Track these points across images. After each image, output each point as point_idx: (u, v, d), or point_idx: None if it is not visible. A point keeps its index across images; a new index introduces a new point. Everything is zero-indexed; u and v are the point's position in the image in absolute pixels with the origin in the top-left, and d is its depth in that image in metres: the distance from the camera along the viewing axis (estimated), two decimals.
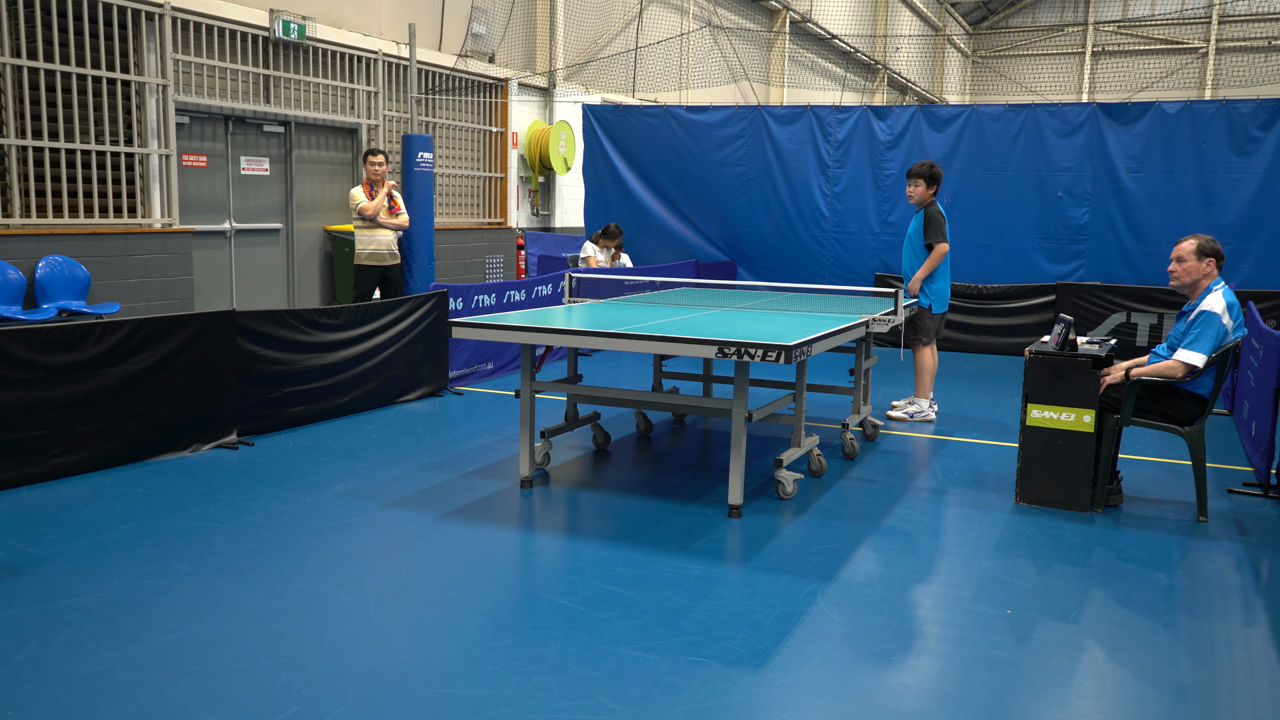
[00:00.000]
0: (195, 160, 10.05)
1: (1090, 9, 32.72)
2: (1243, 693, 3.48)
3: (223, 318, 6.35)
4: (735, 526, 5.07)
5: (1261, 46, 29.81)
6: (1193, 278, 5.34)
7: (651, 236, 12.40)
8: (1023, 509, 5.45)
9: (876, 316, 6.27)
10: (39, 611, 3.87)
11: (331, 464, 6.05)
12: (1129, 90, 30.16)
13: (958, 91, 33.72)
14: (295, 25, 10.53)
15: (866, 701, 3.35)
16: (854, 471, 6.18)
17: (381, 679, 3.41)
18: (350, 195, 9.53)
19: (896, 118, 11.39)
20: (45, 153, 8.59)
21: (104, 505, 5.17)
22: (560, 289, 9.73)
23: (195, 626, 3.77)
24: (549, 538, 4.89)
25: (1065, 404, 5.35)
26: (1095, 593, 4.32)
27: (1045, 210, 10.89)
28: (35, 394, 5.47)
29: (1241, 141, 10.15)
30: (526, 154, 15.01)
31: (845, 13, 24.80)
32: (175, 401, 6.11)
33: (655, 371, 7.39)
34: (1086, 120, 10.64)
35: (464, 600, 4.11)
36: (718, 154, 11.99)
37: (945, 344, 11.16)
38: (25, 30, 8.33)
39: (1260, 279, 10.17)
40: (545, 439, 5.98)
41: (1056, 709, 3.34)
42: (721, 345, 4.86)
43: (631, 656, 3.60)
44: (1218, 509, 5.53)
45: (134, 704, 3.20)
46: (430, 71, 12.94)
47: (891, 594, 4.25)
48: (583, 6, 15.98)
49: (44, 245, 8.44)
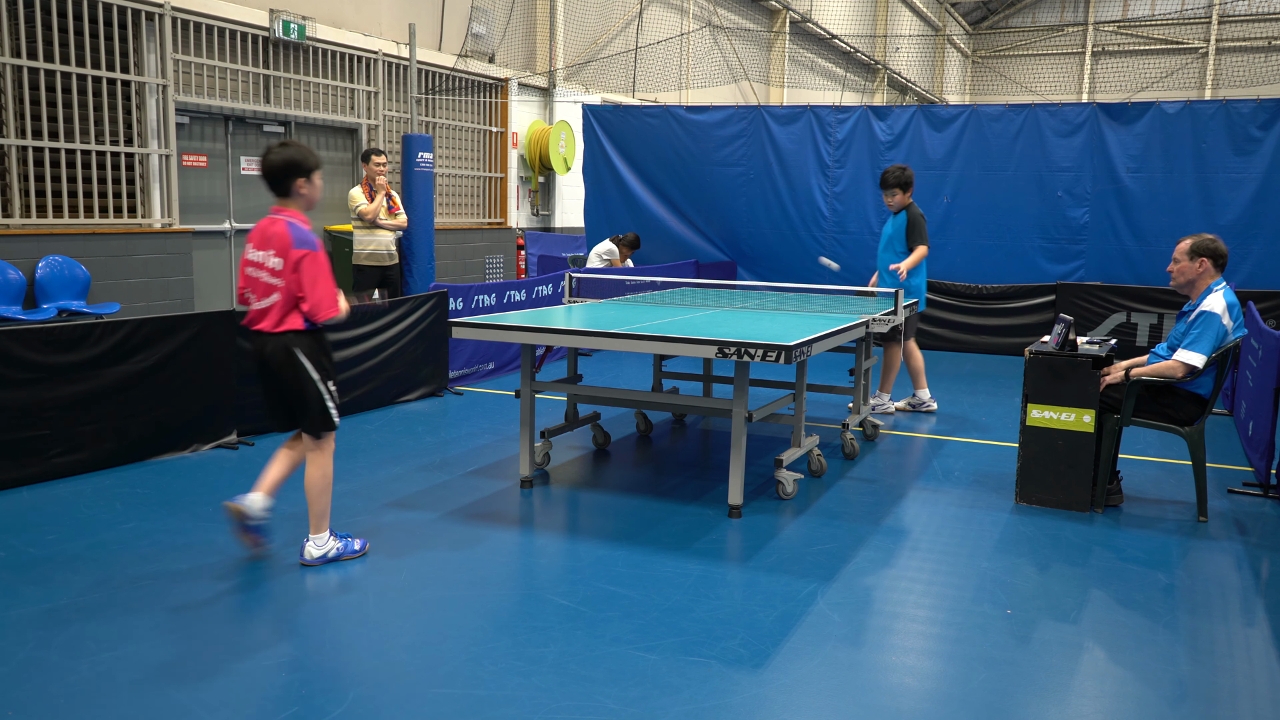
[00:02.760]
0: (195, 160, 10.05)
1: (1090, 9, 32.72)
2: (1243, 693, 3.48)
3: (223, 318, 6.35)
4: (735, 526, 5.07)
5: (1261, 46, 29.81)
6: (1187, 278, 5.34)
7: (651, 236, 12.40)
8: (1023, 509, 5.45)
9: (876, 316, 6.27)
10: (39, 611, 3.87)
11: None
12: (1129, 90, 30.16)
13: (958, 91, 33.72)
14: (295, 25, 10.53)
15: (866, 702, 3.35)
16: (854, 471, 6.18)
17: (381, 679, 3.41)
18: (349, 196, 9.52)
19: (896, 118, 11.39)
20: (45, 153, 8.59)
21: (104, 505, 5.17)
22: (560, 289, 9.73)
23: (195, 626, 3.77)
24: (549, 538, 4.89)
25: (1065, 404, 5.35)
26: (1095, 593, 4.32)
27: (1045, 210, 10.90)
28: (35, 394, 5.47)
29: (1241, 141, 10.15)
30: (526, 154, 15.01)
31: (845, 13, 24.81)
32: (175, 401, 6.11)
33: (655, 371, 7.39)
34: (1086, 120, 10.64)
35: (464, 600, 4.11)
36: (718, 154, 11.99)
37: (945, 344, 11.17)
38: (25, 30, 8.33)
39: (1260, 279, 10.17)
40: (545, 439, 5.98)
41: (1056, 709, 3.34)
42: (721, 345, 4.86)
43: (631, 656, 3.60)
44: (1218, 509, 5.53)
45: (134, 704, 3.20)
46: (430, 71, 12.94)
47: (891, 594, 4.25)
48: (583, 6, 15.98)
49: (44, 245, 8.44)
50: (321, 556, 4.43)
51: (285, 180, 4.21)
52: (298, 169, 4.20)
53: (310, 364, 4.27)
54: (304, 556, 4.43)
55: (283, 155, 4.19)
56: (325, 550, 4.44)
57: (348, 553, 4.51)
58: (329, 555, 4.45)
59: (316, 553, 4.43)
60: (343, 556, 4.49)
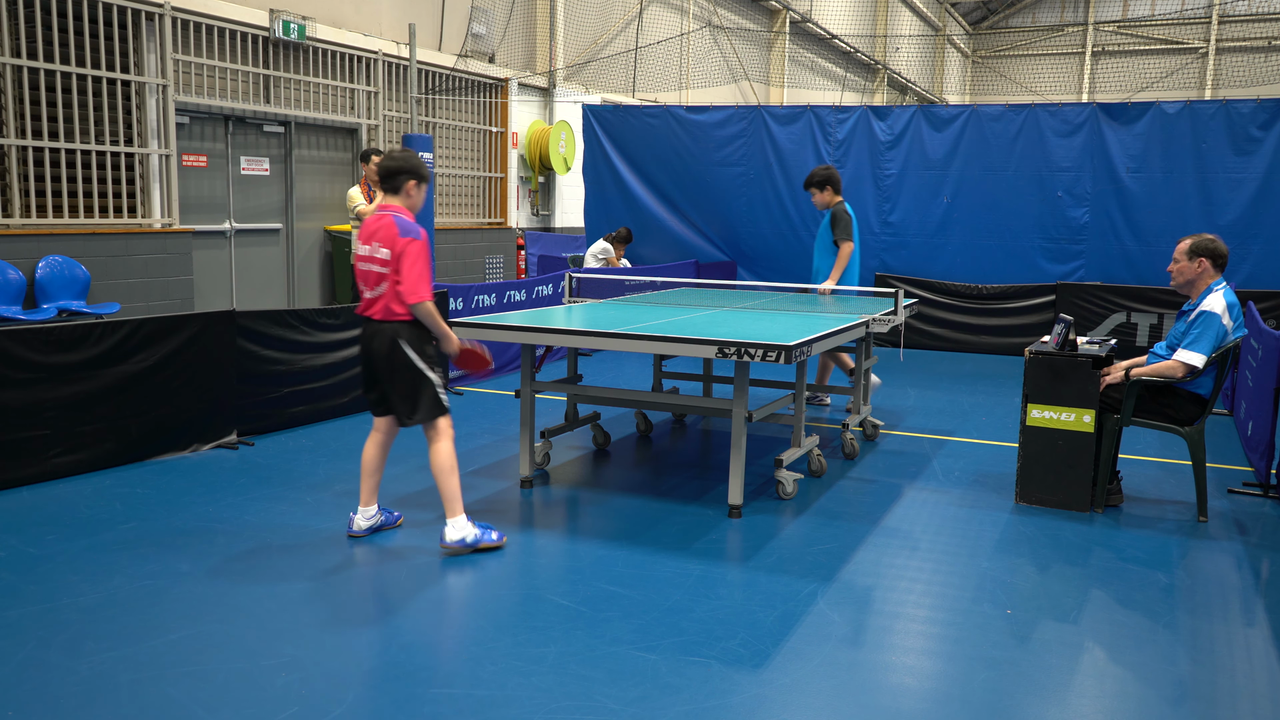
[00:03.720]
0: (195, 160, 10.05)
1: (1090, 9, 32.72)
2: (1243, 693, 3.48)
3: (223, 318, 6.35)
4: (735, 526, 5.07)
5: (1261, 46, 29.81)
6: (1186, 278, 5.34)
7: (651, 236, 12.40)
8: (1023, 509, 5.45)
9: (876, 316, 6.27)
10: (39, 611, 3.87)
11: (331, 464, 6.05)
12: (1129, 90, 30.16)
13: (958, 91, 33.72)
14: (295, 25, 10.53)
15: (866, 702, 3.35)
16: (854, 471, 6.18)
17: (381, 679, 3.41)
18: (348, 195, 9.53)
19: (896, 118, 11.39)
20: (45, 153, 8.59)
21: (104, 505, 5.18)
22: (560, 289, 9.73)
23: (195, 626, 3.77)
24: (549, 538, 4.89)
25: (1065, 404, 5.34)
26: (1095, 593, 4.32)
27: (1045, 210, 10.90)
28: (35, 394, 5.47)
29: (1241, 141, 10.15)
30: (526, 154, 15.01)
31: (845, 13, 24.80)
32: (175, 401, 6.11)
33: (655, 371, 7.39)
34: (1086, 120, 10.64)
35: (464, 600, 4.11)
36: (718, 154, 11.99)
37: (945, 344, 11.17)
38: (25, 30, 8.33)
39: (1260, 279, 10.17)
40: (545, 439, 5.98)
41: (1056, 709, 3.34)
42: (721, 345, 4.86)
43: (631, 656, 3.60)
44: (1218, 509, 5.53)
45: (134, 704, 3.20)
46: (430, 71, 12.94)
47: (891, 594, 4.25)
48: (583, 6, 15.98)
49: (44, 245, 8.44)
50: (460, 540, 4.52)
51: (398, 178, 4.57)
52: (412, 172, 4.59)
53: (414, 353, 4.54)
54: (444, 540, 4.54)
55: (403, 156, 4.60)
56: (464, 535, 4.53)
57: (484, 541, 4.60)
58: (467, 540, 4.54)
59: (455, 536, 4.52)
60: (480, 545, 4.58)
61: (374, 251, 4.47)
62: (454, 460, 4.62)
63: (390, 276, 4.45)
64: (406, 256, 4.42)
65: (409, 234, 4.44)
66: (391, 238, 4.43)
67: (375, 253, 4.47)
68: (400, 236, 4.42)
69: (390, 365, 4.53)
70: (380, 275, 4.47)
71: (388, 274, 4.45)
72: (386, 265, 4.45)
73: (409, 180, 4.58)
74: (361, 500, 4.83)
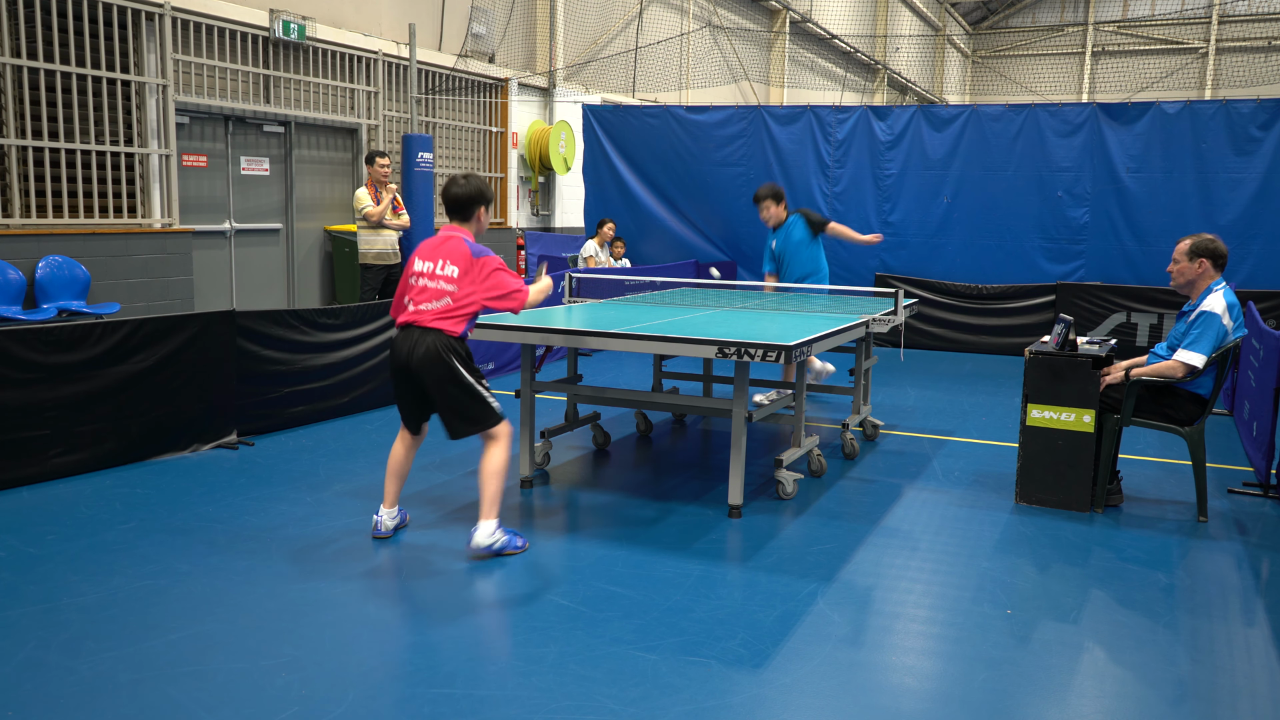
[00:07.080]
0: (195, 160, 10.05)
1: (1090, 9, 32.71)
2: (1243, 693, 3.48)
3: (223, 318, 6.35)
4: (735, 526, 5.07)
5: (1261, 46, 29.80)
6: (1186, 278, 5.34)
7: (651, 236, 12.39)
8: (1023, 509, 5.45)
9: (876, 316, 6.27)
10: (39, 611, 3.87)
11: (331, 464, 6.05)
12: (1129, 90, 30.15)
13: (958, 91, 33.72)
14: (295, 25, 10.53)
15: (866, 702, 3.35)
16: (854, 471, 6.18)
17: (381, 679, 3.41)
18: (355, 197, 9.59)
19: (896, 118, 11.39)
20: (45, 153, 8.58)
21: (104, 505, 5.17)
22: (560, 289, 9.72)
23: (195, 626, 3.77)
24: (549, 538, 4.89)
25: (1065, 404, 5.34)
26: (1095, 593, 4.32)
27: (1045, 210, 10.90)
28: (35, 394, 5.47)
29: (1241, 141, 10.15)
30: (526, 154, 15.01)
31: (845, 13, 24.80)
32: (175, 401, 6.11)
33: (655, 371, 7.39)
34: (1086, 120, 10.64)
35: (464, 600, 4.11)
36: (718, 154, 11.99)
37: (945, 344, 11.17)
38: (25, 30, 8.33)
39: (1260, 279, 10.17)
40: (545, 439, 5.98)
41: (1056, 709, 3.34)
42: (721, 345, 4.86)
43: (631, 656, 3.60)
44: (1218, 509, 5.53)
45: (134, 704, 3.20)
46: (430, 71, 12.94)
47: (891, 594, 4.25)
48: (583, 6, 15.98)
49: (44, 245, 8.43)
50: (488, 547, 4.52)
51: (470, 206, 4.67)
52: (482, 198, 4.69)
53: (463, 368, 4.52)
54: (471, 543, 4.51)
55: (473, 185, 4.65)
56: (493, 541, 4.53)
57: (510, 548, 4.60)
58: (494, 546, 4.53)
59: (485, 541, 4.51)
60: (505, 551, 4.58)
61: (437, 268, 4.54)
62: (506, 467, 4.62)
63: (455, 294, 4.51)
64: (501, 272, 4.53)
65: (484, 253, 4.56)
66: (465, 257, 4.52)
67: (440, 269, 4.54)
68: (476, 256, 4.52)
69: (437, 379, 4.52)
70: (443, 292, 4.52)
71: (451, 290, 4.51)
72: (453, 282, 4.51)
73: (479, 207, 4.68)
74: (385, 501, 4.83)
